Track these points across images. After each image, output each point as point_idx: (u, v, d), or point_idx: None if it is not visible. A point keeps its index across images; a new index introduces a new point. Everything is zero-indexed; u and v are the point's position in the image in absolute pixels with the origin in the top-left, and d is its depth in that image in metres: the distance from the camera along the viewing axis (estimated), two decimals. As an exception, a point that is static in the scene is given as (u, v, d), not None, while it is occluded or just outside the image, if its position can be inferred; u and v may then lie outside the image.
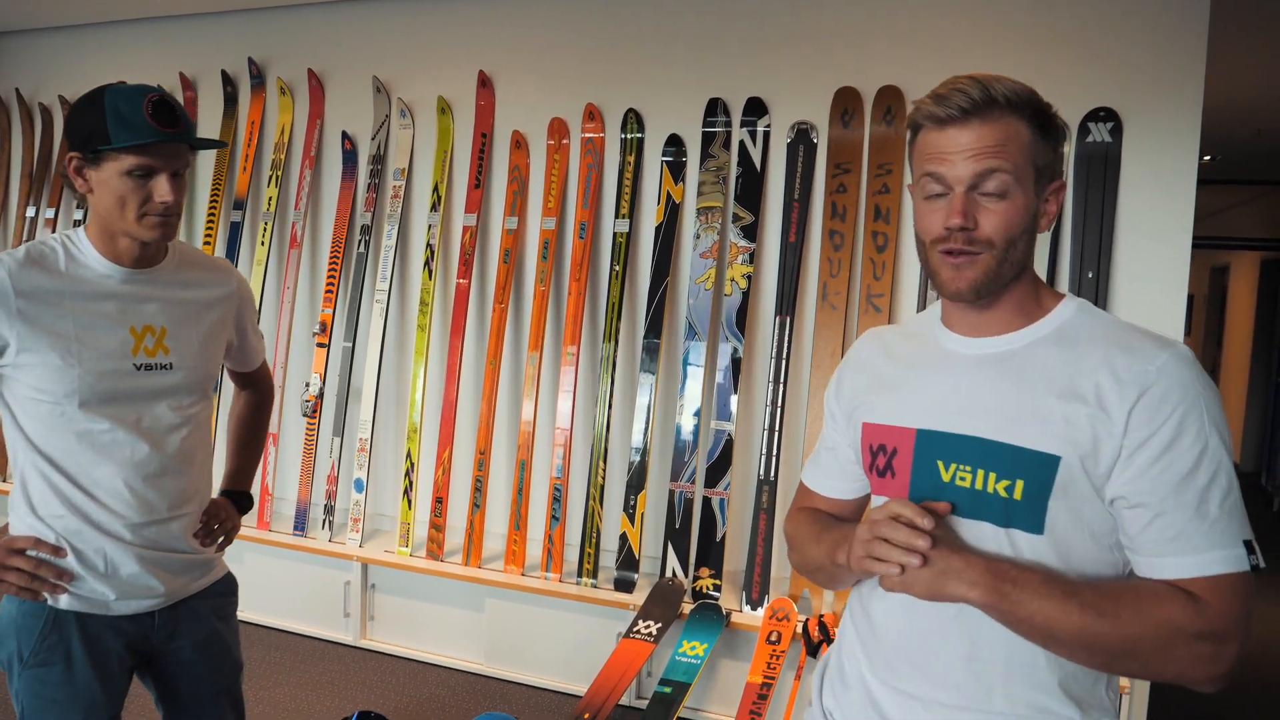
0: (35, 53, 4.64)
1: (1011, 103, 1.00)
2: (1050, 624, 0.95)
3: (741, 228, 3.21)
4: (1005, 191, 0.99)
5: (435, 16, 3.73)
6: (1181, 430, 0.95)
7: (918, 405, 1.09)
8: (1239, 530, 0.95)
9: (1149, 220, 2.81)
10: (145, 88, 1.42)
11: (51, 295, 1.43)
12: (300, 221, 3.89)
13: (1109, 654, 0.95)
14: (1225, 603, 0.93)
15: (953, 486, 1.03)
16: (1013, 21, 2.93)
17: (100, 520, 1.49)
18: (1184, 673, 0.95)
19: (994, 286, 1.02)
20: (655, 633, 2.96)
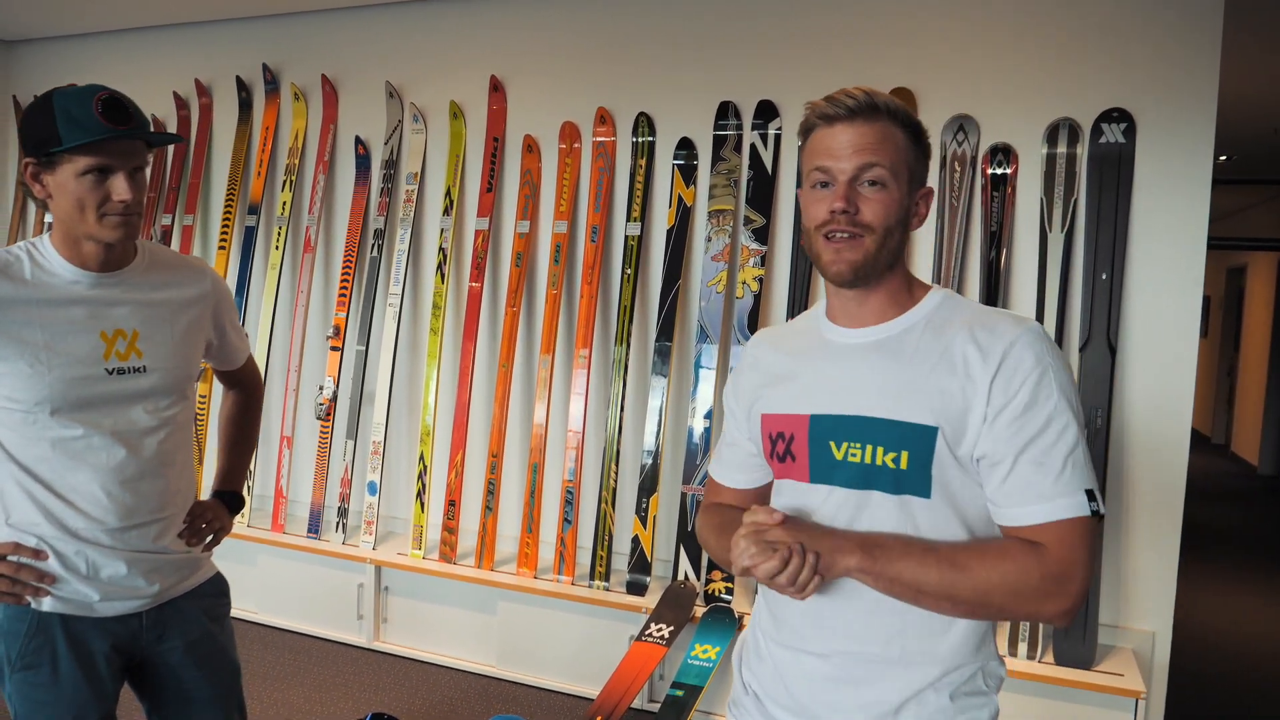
0: (51, 61, 4.69)
1: (891, 111, 1.13)
2: (916, 580, 1.07)
3: (753, 230, 3.21)
4: (883, 183, 1.12)
5: (447, 22, 3.75)
6: (1035, 395, 1.07)
7: (809, 393, 1.20)
8: (1081, 481, 1.07)
9: (1163, 221, 2.79)
10: (95, 87, 1.39)
11: (17, 303, 1.41)
12: (314, 226, 3.92)
13: (969, 602, 1.07)
14: (1066, 547, 1.05)
15: (845, 463, 1.15)
16: (1024, 23, 2.92)
17: (78, 527, 1.48)
18: (1036, 610, 1.06)
19: (871, 270, 1.13)
20: (667, 636, 2.96)
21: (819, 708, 1.18)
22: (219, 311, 1.69)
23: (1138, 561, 2.85)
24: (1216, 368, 9.80)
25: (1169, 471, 2.81)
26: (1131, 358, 2.83)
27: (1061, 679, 2.67)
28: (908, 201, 1.14)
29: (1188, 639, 3.83)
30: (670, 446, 3.35)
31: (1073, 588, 1.05)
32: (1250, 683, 3.69)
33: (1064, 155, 2.86)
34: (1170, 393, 2.79)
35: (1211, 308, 10.02)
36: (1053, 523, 1.06)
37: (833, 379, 1.18)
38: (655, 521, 3.24)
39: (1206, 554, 5.48)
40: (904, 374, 1.12)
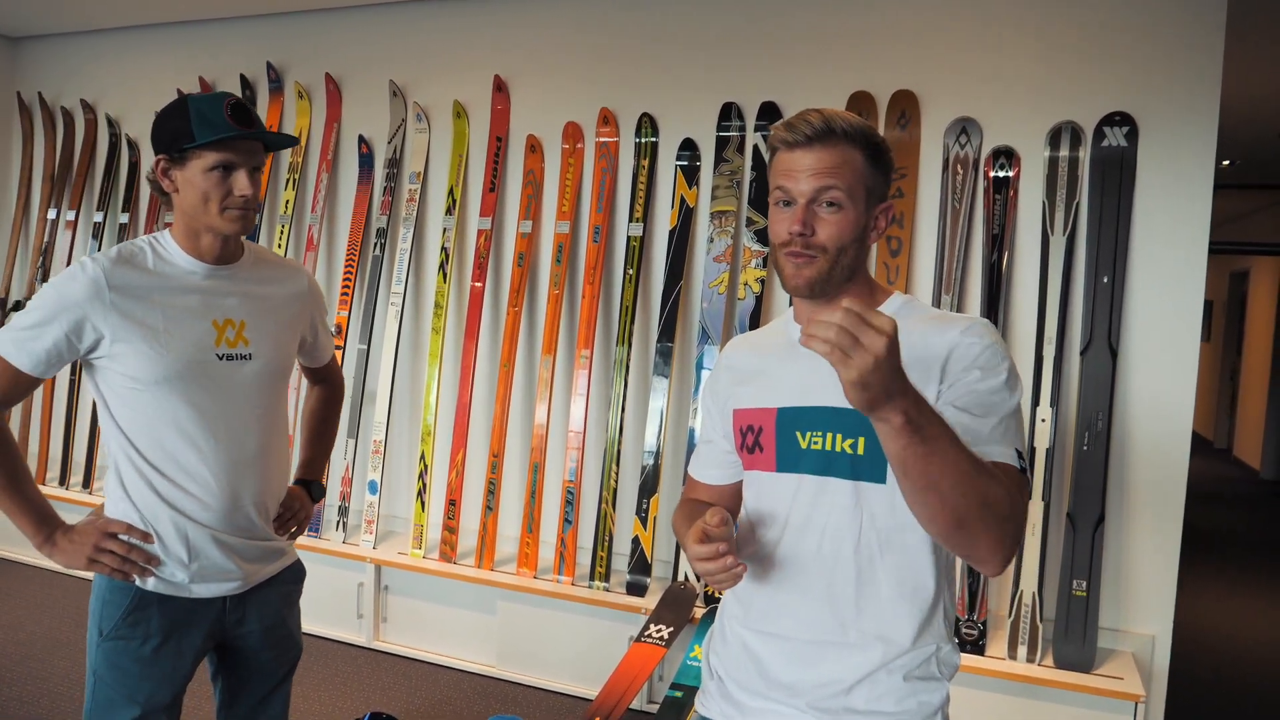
0: (58, 57, 4.70)
1: (848, 134, 1.18)
2: (942, 462, 0.98)
3: (755, 231, 3.21)
4: (839, 204, 1.18)
5: (451, 21, 3.76)
6: (988, 367, 1.15)
7: (776, 389, 1.27)
8: (1014, 439, 1.15)
9: (1165, 225, 2.79)
10: (224, 94, 1.53)
11: (141, 290, 1.53)
12: (317, 224, 3.92)
13: (971, 505, 1.01)
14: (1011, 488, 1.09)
15: (809, 452, 1.21)
16: (1027, 26, 2.92)
17: (184, 506, 1.58)
18: (996, 540, 1.05)
19: (827, 285, 1.20)
20: (667, 637, 2.96)
21: (776, 689, 1.24)
22: (314, 311, 1.82)
23: (1138, 565, 2.85)
24: (1219, 372, 9.79)
25: (1170, 475, 2.81)
26: (1133, 361, 2.83)
27: (1061, 682, 2.66)
28: (865, 219, 1.20)
29: (1188, 643, 3.83)
30: (671, 447, 3.35)
31: (1014, 528, 1.08)
32: (1250, 687, 3.69)
33: (1066, 158, 2.86)
34: (1171, 396, 2.79)
35: (1214, 312, 10.01)
36: (1003, 465, 1.11)
37: (798, 375, 1.24)
38: (655, 522, 3.24)
39: (1207, 558, 5.47)
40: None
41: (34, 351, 1.49)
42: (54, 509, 1.60)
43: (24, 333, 1.49)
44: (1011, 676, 2.70)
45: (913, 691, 1.19)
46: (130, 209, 4.40)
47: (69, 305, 1.48)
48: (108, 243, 4.44)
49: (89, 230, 4.51)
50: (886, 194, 1.23)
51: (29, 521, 1.55)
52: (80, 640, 3.45)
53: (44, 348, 1.49)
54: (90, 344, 1.51)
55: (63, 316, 1.48)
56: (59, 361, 1.52)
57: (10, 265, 4.67)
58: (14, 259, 4.68)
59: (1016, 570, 2.82)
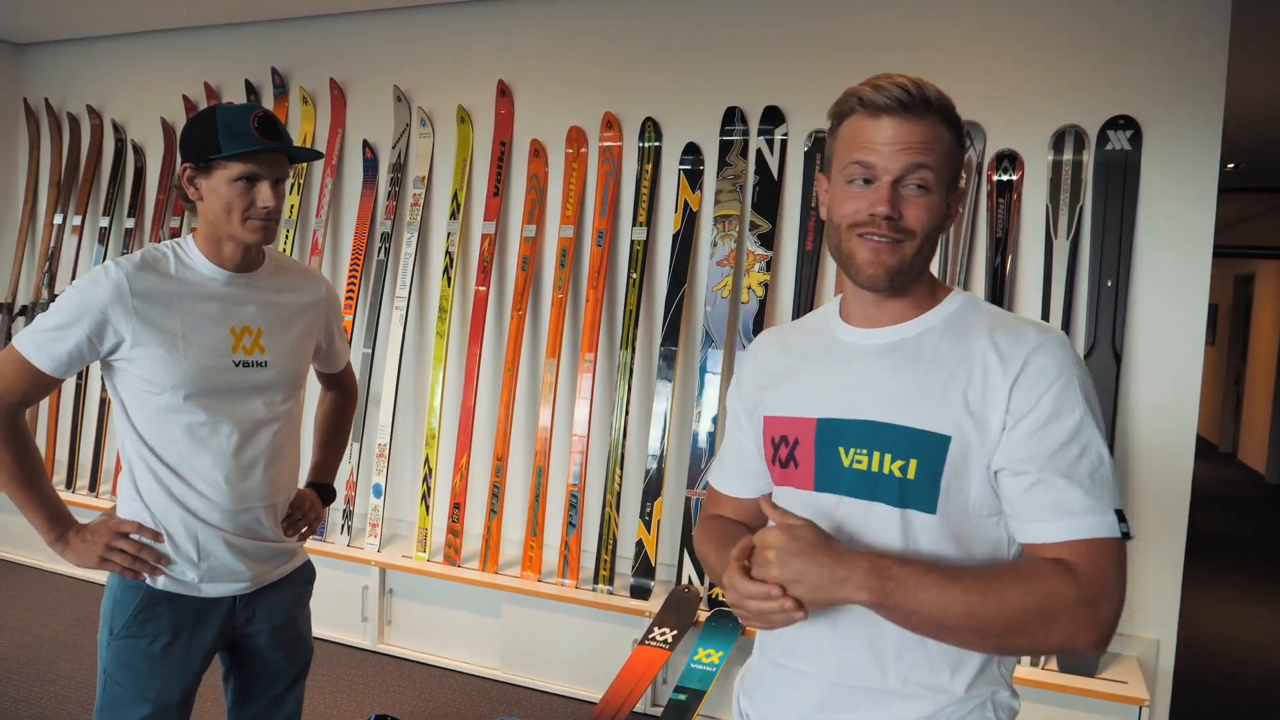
0: (64, 63, 4.72)
1: (940, 107, 1.06)
2: (938, 612, 0.97)
3: (759, 236, 3.22)
4: (929, 187, 1.05)
5: (455, 26, 3.77)
6: (1060, 404, 1.01)
7: (816, 395, 1.13)
8: (1110, 500, 1.00)
9: (1169, 229, 2.79)
10: (252, 105, 1.57)
11: (163, 295, 1.56)
12: (321, 229, 3.94)
13: (998, 633, 0.97)
14: (1099, 567, 0.97)
15: (851, 470, 1.08)
16: (1030, 29, 2.93)
17: (196, 507, 1.60)
18: (1069, 640, 0.97)
19: (907, 275, 1.07)
20: (671, 640, 2.96)
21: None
22: (330, 318, 1.85)
23: (1143, 569, 2.85)
24: (1224, 375, 9.77)
25: (1174, 479, 2.80)
26: (1137, 365, 2.83)
27: (1065, 686, 2.66)
28: (945, 203, 1.08)
29: (1192, 647, 3.82)
30: (675, 451, 3.36)
31: (1106, 614, 0.96)
32: (1255, 691, 3.68)
33: (1070, 162, 2.87)
34: (1176, 400, 2.79)
35: (1219, 315, 9.99)
36: (1082, 541, 0.98)
37: (842, 381, 1.11)
38: (659, 526, 3.24)
39: (1212, 562, 5.46)
40: (919, 378, 1.06)
41: (55, 353, 1.52)
42: (67, 509, 1.62)
43: (46, 334, 1.52)
44: (1015, 680, 2.69)
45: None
46: (136, 214, 4.42)
47: (91, 308, 1.51)
48: (113, 247, 4.46)
49: (95, 235, 4.53)
50: (960, 179, 1.11)
51: (43, 519, 1.57)
52: (87, 642, 3.46)
53: (65, 349, 1.52)
54: (111, 347, 1.54)
55: (85, 319, 1.51)
56: (79, 363, 1.54)
57: (17, 270, 4.69)
58: (20, 264, 4.70)
59: (1020, 574, 2.81)
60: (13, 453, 1.54)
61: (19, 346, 1.53)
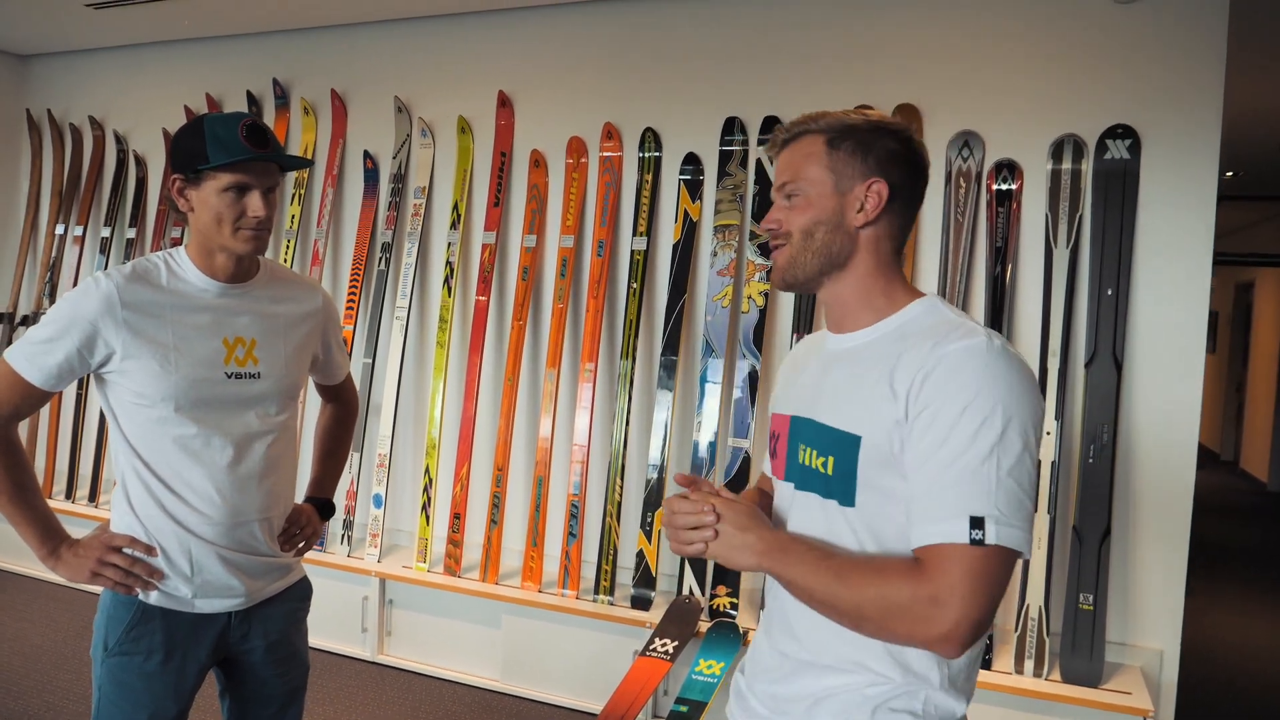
0: (66, 74, 4.73)
1: (809, 128, 1.20)
2: (806, 586, 1.08)
3: (759, 245, 3.22)
4: (797, 193, 1.19)
5: (456, 37, 3.78)
6: (941, 409, 1.04)
7: (795, 396, 1.26)
8: (966, 504, 1.01)
9: (1169, 237, 2.79)
10: (240, 114, 1.54)
11: (154, 307, 1.54)
12: (322, 239, 3.94)
13: (849, 615, 1.06)
14: (943, 572, 1.00)
15: (801, 465, 1.20)
16: (1029, 39, 2.93)
17: (189, 521, 1.58)
18: (908, 632, 1.02)
19: (800, 272, 1.19)
20: (672, 651, 2.95)
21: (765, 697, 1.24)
22: (327, 329, 1.82)
23: (1145, 579, 2.84)
24: (1225, 383, 9.76)
25: (1176, 488, 2.80)
26: (1138, 373, 2.82)
27: (1068, 697, 2.65)
28: (837, 201, 1.17)
29: (1196, 657, 3.81)
30: (675, 461, 3.35)
31: (948, 615, 0.99)
32: (1260, 701, 3.66)
33: (1069, 171, 2.87)
34: (1177, 408, 2.79)
35: (1219, 323, 9.99)
36: (929, 546, 1.03)
37: (812, 383, 1.23)
38: (660, 536, 3.23)
39: (1215, 571, 5.44)
40: (852, 382, 1.15)
41: (45, 366, 1.50)
42: (60, 523, 1.60)
43: (36, 347, 1.50)
44: (1019, 691, 2.69)
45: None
46: (137, 224, 4.43)
47: (81, 320, 1.49)
48: (114, 257, 4.46)
49: (96, 245, 4.54)
50: (867, 172, 1.16)
51: (34, 534, 1.55)
52: (84, 654, 3.45)
53: (55, 362, 1.50)
54: (101, 359, 1.52)
55: (75, 331, 1.49)
56: (70, 376, 1.53)
57: (18, 280, 4.69)
58: (22, 274, 4.70)
59: (1022, 584, 2.81)
60: (3, 466, 1.52)
61: (9, 359, 1.51)
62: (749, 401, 3.16)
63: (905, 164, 1.18)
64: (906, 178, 1.18)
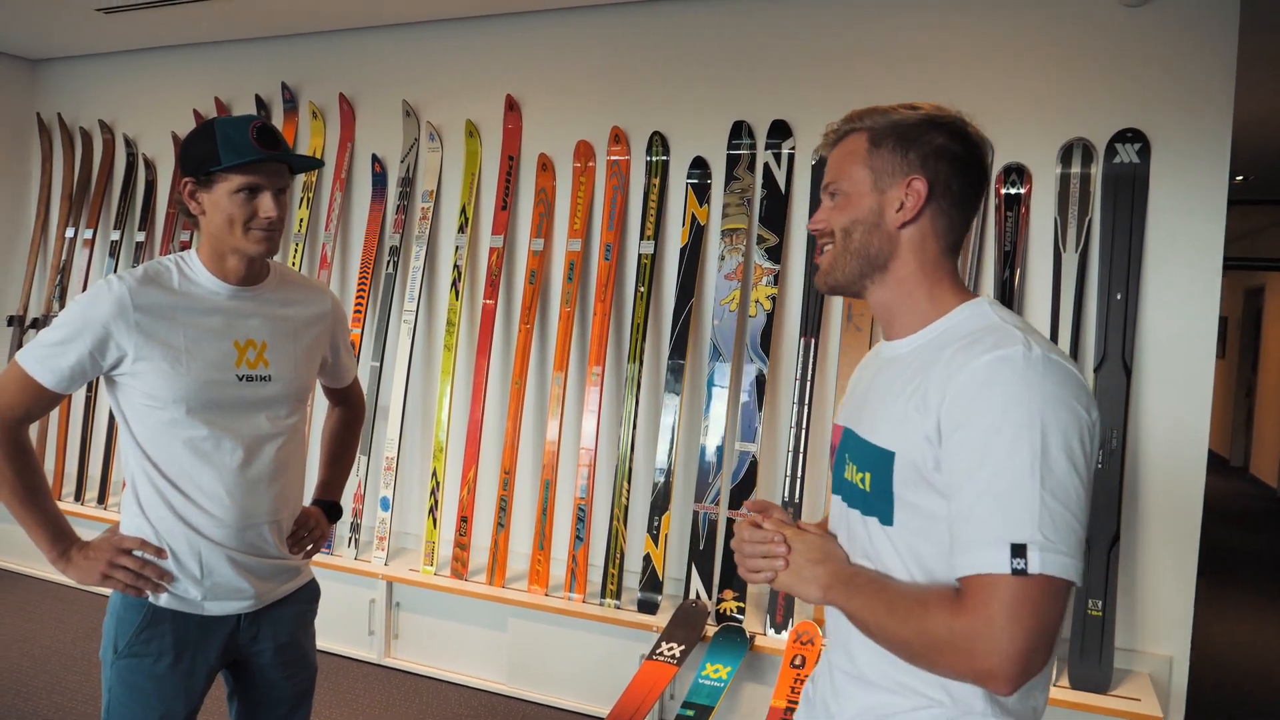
0: (77, 79, 4.76)
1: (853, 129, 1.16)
2: (863, 621, 1.05)
3: (766, 249, 3.22)
4: (838, 192, 1.16)
5: (464, 41, 3.79)
6: (974, 427, 0.97)
7: (849, 405, 1.23)
8: (1003, 530, 0.93)
9: (1178, 242, 2.78)
10: (250, 116, 1.55)
11: (165, 309, 1.54)
12: (330, 242, 3.95)
13: (900, 650, 1.02)
14: (980, 603, 0.93)
15: (847, 479, 1.16)
16: (1037, 43, 2.93)
17: (199, 523, 1.59)
18: (953, 668, 0.96)
19: (841, 274, 1.15)
20: (678, 655, 2.95)
21: (820, 706, 1.22)
22: (336, 332, 1.82)
23: (1155, 585, 2.82)
24: (1234, 389, 9.71)
25: (1186, 493, 2.78)
26: (1147, 379, 2.81)
27: (1077, 703, 2.64)
28: (875, 200, 1.12)
29: (1206, 663, 3.78)
30: (682, 465, 3.35)
31: (991, 650, 0.92)
32: (1271, 708, 3.64)
33: (1078, 175, 2.86)
34: (1186, 414, 2.77)
35: (1229, 328, 9.94)
36: (969, 576, 0.95)
37: (861, 393, 1.20)
38: (667, 540, 3.23)
39: (1225, 577, 5.41)
40: (886, 393, 1.10)
41: (57, 368, 1.50)
42: (70, 525, 1.60)
43: (48, 349, 1.51)
44: (1026, 697, 2.67)
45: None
46: (146, 227, 4.44)
47: (93, 323, 1.50)
48: (124, 261, 4.48)
49: (106, 249, 4.56)
50: (908, 169, 1.11)
51: (45, 536, 1.55)
52: (93, 655, 3.46)
53: (67, 365, 1.50)
54: (113, 362, 1.53)
55: (87, 334, 1.50)
56: (81, 378, 1.53)
57: (29, 283, 4.72)
58: (33, 277, 4.73)
59: (1031, 589, 2.79)
60: (15, 469, 1.52)
61: (21, 362, 1.51)
62: (756, 405, 3.16)
63: (952, 159, 1.11)
64: (953, 173, 1.11)
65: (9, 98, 4.78)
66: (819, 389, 3.14)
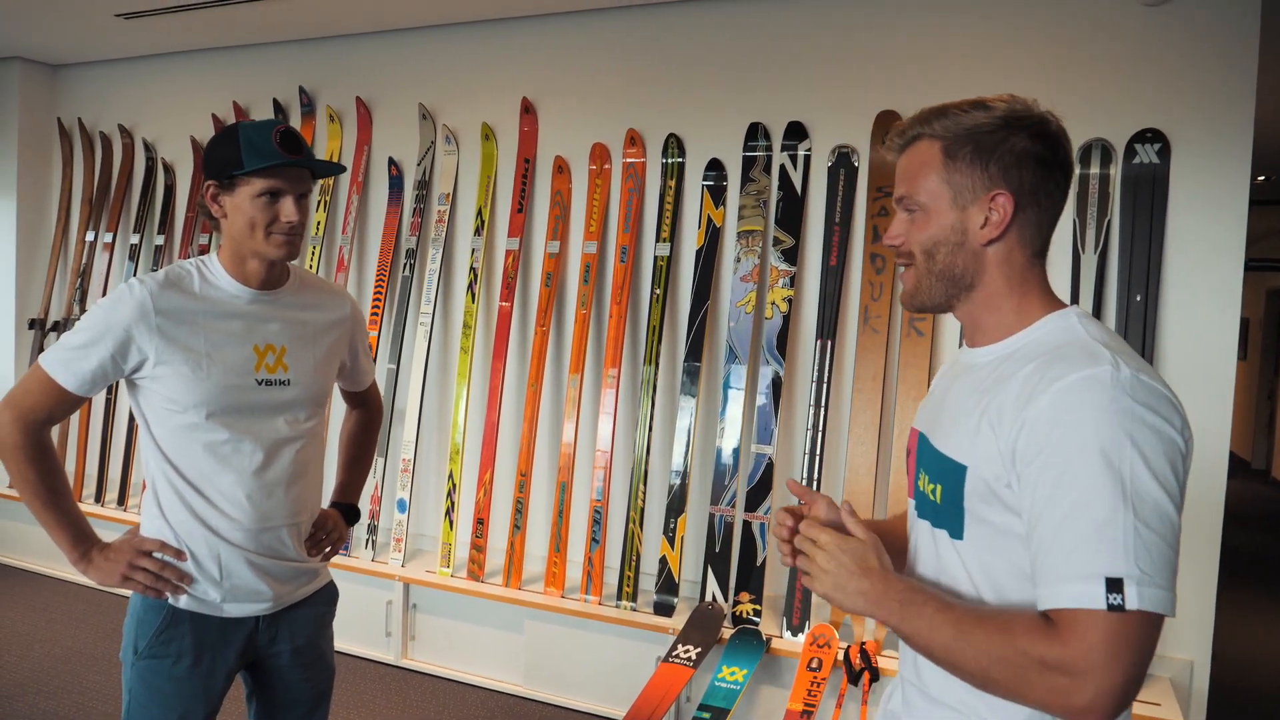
0: (97, 84, 4.80)
1: (930, 130, 1.08)
2: (925, 641, 0.98)
3: (782, 251, 3.21)
4: (916, 208, 1.09)
5: (480, 44, 3.80)
6: (1059, 451, 0.92)
7: (929, 411, 1.18)
8: (1099, 564, 0.89)
9: (1199, 243, 2.76)
10: (274, 121, 1.57)
11: (187, 314, 1.56)
12: (347, 245, 3.97)
13: (973, 676, 0.96)
14: (1078, 638, 0.90)
15: (920, 489, 1.12)
16: (1056, 43, 2.91)
17: (218, 525, 1.60)
18: (1043, 701, 0.92)
19: (928, 295, 1.10)
20: (695, 657, 2.94)
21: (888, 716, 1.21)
22: (354, 336, 1.84)
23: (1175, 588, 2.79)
24: (1256, 391, 9.61)
25: (1207, 496, 2.76)
26: (1167, 380, 2.77)
27: (1096, 708, 2.61)
28: (958, 215, 1.06)
29: (1227, 668, 3.74)
30: (699, 467, 3.35)
31: (1087, 688, 0.89)
32: None
33: (1097, 176, 2.84)
34: (1208, 416, 2.75)
35: (1250, 330, 9.84)
36: (1060, 610, 0.91)
37: (938, 399, 1.16)
38: (683, 542, 3.23)
39: (1246, 581, 5.35)
40: (962, 403, 1.06)
41: (80, 371, 1.52)
42: (91, 526, 1.62)
43: (71, 352, 1.52)
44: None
45: None
46: (165, 231, 4.48)
47: (116, 327, 1.51)
48: (144, 264, 4.52)
49: (126, 252, 4.60)
50: (990, 183, 1.05)
51: (66, 537, 1.57)
52: (114, 654, 3.49)
53: (89, 368, 1.52)
54: (134, 365, 1.54)
55: (109, 338, 1.51)
56: (103, 381, 1.54)
57: (49, 286, 4.76)
58: (53, 280, 4.77)
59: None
60: (38, 471, 1.54)
61: (44, 365, 1.53)
62: (772, 408, 3.15)
63: (1038, 164, 1.04)
64: (1040, 180, 1.05)
65: (30, 103, 4.83)
66: (835, 391, 3.13)
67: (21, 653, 3.52)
